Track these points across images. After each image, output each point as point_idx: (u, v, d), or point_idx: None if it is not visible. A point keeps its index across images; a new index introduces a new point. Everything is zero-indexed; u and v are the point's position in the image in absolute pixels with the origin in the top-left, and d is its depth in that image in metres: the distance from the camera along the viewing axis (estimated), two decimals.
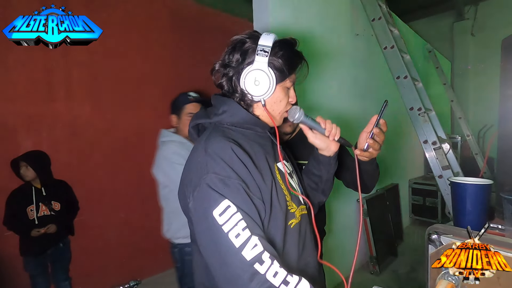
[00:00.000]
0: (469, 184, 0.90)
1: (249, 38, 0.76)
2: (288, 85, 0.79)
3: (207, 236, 0.64)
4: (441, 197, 3.63)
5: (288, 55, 0.76)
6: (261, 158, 0.74)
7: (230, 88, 0.78)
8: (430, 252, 0.84)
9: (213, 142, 0.69)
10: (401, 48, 2.34)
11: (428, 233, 0.84)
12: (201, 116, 0.81)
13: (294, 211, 0.78)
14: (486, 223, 0.74)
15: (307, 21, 2.18)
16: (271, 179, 0.72)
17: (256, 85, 0.74)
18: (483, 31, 5.00)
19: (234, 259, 0.60)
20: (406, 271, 2.94)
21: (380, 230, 3.03)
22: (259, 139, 0.78)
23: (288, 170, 0.84)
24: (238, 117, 0.75)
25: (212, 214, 0.61)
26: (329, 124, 0.83)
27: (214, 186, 0.63)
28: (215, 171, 0.65)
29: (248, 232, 0.61)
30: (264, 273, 0.59)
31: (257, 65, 0.73)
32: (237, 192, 0.64)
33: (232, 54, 0.77)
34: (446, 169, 1.97)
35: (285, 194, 0.76)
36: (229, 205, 0.62)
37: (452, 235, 0.81)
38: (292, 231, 0.76)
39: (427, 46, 4.58)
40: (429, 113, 2.17)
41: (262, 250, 0.60)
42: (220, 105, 0.77)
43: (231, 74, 0.77)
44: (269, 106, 0.78)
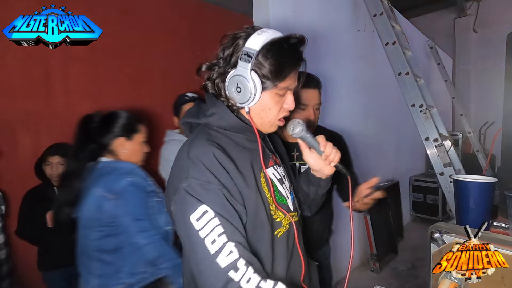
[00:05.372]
0: (473, 182, 0.89)
1: (241, 36, 0.69)
2: (281, 92, 0.71)
3: (186, 241, 0.64)
4: (442, 195, 3.62)
5: (279, 60, 0.68)
6: (246, 164, 0.71)
7: (215, 91, 0.73)
8: (433, 251, 0.83)
9: (195, 146, 0.68)
10: (402, 44, 2.32)
11: (430, 232, 0.83)
12: (191, 114, 0.78)
13: (281, 219, 0.75)
14: (489, 221, 0.73)
15: (308, 17, 2.16)
16: (255, 186, 0.70)
17: (238, 92, 0.68)
18: (485, 27, 4.96)
19: (208, 266, 0.59)
20: (407, 269, 2.94)
21: (381, 228, 3.02)
22: (247, 144, 0.74)
23: (279, 175, 0.80)
24: (226, 122, 0.72)
25: (190, 219, 0.61)
26: (329, 148, 0.77)
27: (193, 191, 0.62)
28: (195, 176, 0.63)
29: (224, 238, 0.59)
30: (238, 280, 0.57)
31: (239, 71, 0.67)
32: (216, 198, 0.62)
33: (222, 52, 0.72)
34: (447, 167, 1.96)
35: (270, 203, 0.73)
36: (207, 210, 0.61)
37: (455, 233, 0.80)
38: (279, 240, 0.74)
39: (429, 42, 4.54)
40: (431, 110, 2.14)
41: (238, 257, 0.59)
42: (210, 106, 0.73)
43: (214, 76, 0.72)
44: (256, 113, 0.72)
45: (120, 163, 1.18)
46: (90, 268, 1.15)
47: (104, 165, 1.17)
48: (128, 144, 1.21)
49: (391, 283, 2.70)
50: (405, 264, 3.01)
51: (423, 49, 4.51)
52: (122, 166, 1.17)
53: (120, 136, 1.19)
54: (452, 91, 4.42)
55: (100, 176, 1.14)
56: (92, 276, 1.14)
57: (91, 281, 1.14)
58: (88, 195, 1.13)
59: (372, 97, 3.12)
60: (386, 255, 3.04)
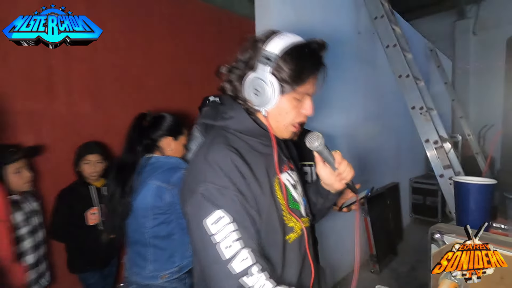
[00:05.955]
0: (473, 184, 0.90)
1: (261, 40, 0.70)
2: (299, 96, 0.71)
3: (200, 243, 0.64)
4: (442, 197, 3.63)
5: (299, 64, 0.68)
6: (261, 169, 0.71)
7: (232, 93, 0.74)
8: (433, 252, 0.84)
9: (213, 150, 0.68)
10: (403, 47, 2.34)
11: (431, 233, 0.84)
12: (208, 116, 0.77)
13: (293, 225, 0.75)
14: (489, 222, 0.74)
15: (310, 19, 2.17)
16: (269, 191, 0.71)
17: (256, 94, 0.69)
18: (484, 30, 4.98)
19: (221, 271, 0.59)
20: (406, 270, 2.95)
21: (380, 229, 3.03)
22: (262, 149, 0.75)
23: (293, 181, 0.81)
24: (243, 125, 0.72)
25: (205, 223, 0.61)
26: (344, 165, 0.78)
27: (210, 195, 0.63)
28: (212, 180, 0.64)
29: (240, 244, 0.60)
30: (251, 286, 0.58)
31: (258, 74, 0.68)
32: (232, 203, 0.63)
33: (242, 55, 0.72)
34: (447, 168, 1.97)
35: (283, 209, 0.73)
36: (223, 215, 0.62)
37: (455, 234, 0.81)
38: (290, 246, 0.74)
39: (429, 45, 4.57)
40: (431, 112, 2.16)
41: (252, 264, 0.60)
42: (229, 109, 0.73)
43: (233, 79, 0.73)
44: (272, 116, 0.72)
45: (170, 158, 1.33)
46: (146, 255, 1.26)
47: (156, 160, 1.30)
48: (173, 143, 1.35)
49: (390, 284, 2.70)
50: (404, 266, 3.02)
51: (423, 51, 4.53)
52: (172, 161, 1.31)
53: (168, 136, 1.34)
54: (451, 94, 4.45)
55: (155, 170, 1.26)
56: (147, 262, 1.25)
57: (147, 267, 1.25)
58: (145, 187, 1.24)
59: (373, 99, 3.14)
60: (385, 256, 3.05)
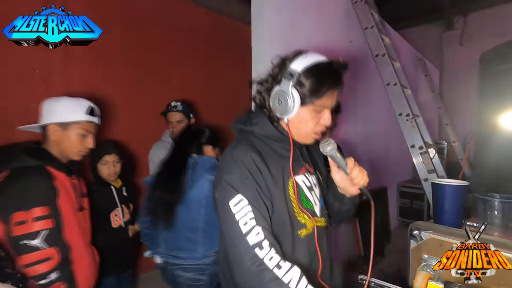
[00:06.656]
0: (447, 185, 0.98)
1: (288, 58, 0.83)
2: (318, 108, 0.82)
3: (224, 222, 0.77)
4: (427, 200, 3.75)
5: (318, 80, 0.80)
6: (278, 168, 0.84)
7: (260, 102, 0.87)
8: (412, 246, 0.92)
9: (238, 149, 0.83)
10: (391, 56, 2.44)
11: (410, 229, 0.92)
12: (241, 121, 0.91)
13: (305, 222, 0.86)
14: (462, 221, 0.82)
15: (304, 26, 2.26)
16: (282, 187, 0.83)
17: (279, 104, 0.81)
18: (471, 41, 5.18)
19: (240, 242, 0.72)
20: (393, 271, 3.04)
21: (368, 231, 3.11)
22: (282, 152, 0.87)
23: (309, 183, 0.91)
24: (265, 131, 0.86)
25: (229, 204, 0.75)
26: (356, 171, 0.83)
27: (233, 183, 0.78)
28: (235, 171, 0.79)
29: (254, 221, 0.73)
30: (262, 257, 0.70)
31: (282, 87, 0.80)
32: (250, 190, 0.77)
33: (272, 71, 0.86)
34: (431, 173, 2.06)
35: (294, 205, 0.84)
36: (242, 198, 0.76)
37: (432, 231, 0.90)
38: (301, 241, 0.85)
39: (417, 54, 4.72)
40: (417, 119, 2.26)
41: (263, 238, 0.72)
42: (255, 116, 0.88)
43: (262, 90, 0.86)
44: (293, 125, 0.84)
45: (212, 158, 1.55)
46: (196, 239, 1.45)
47: (204, 159, 1.51)
48: (211, 152, 1.59)
49: None
50: (391, 267, 3.11)
51: (412, 60, 4.68)
52: (213, 160, 1.54)
53: (209, 144, 1.58)
54: (438, 102, 4.61)
55: (205, 165, 1.47)
56: (198, 245, 1.45)
57: (198, 249, 1.45)
58: (199, 180, 1.43)
59: (363, 105, 3.24)
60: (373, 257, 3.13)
